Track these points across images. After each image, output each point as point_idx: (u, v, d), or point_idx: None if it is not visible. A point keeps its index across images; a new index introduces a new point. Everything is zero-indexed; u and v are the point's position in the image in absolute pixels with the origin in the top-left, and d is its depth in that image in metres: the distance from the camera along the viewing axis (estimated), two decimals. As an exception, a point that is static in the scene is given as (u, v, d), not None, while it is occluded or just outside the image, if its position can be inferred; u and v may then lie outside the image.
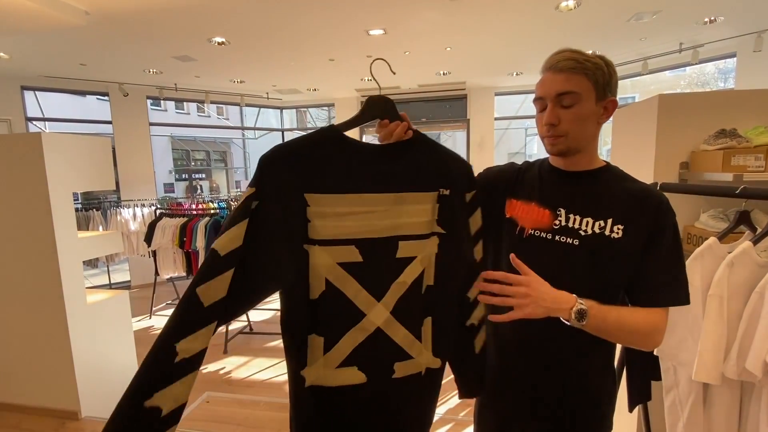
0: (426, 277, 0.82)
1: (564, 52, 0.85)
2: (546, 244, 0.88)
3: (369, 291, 0.77)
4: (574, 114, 0.83)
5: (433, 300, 0.83)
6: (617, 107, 0.87)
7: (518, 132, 10.08)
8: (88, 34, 3.51)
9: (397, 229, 0.79)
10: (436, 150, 0.85)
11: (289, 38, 3.77)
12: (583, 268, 0.86)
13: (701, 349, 1.03)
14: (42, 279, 2.27)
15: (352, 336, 0.77)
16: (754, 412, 1.02)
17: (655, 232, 0.84)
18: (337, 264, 0.76)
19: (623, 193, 0.87)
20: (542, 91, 0.86)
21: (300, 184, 0.74)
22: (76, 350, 2.32)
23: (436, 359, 0.85)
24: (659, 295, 0.85)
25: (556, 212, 0.89)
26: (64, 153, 2.30)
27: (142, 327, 4.24)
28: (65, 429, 2.26)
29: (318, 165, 0.76)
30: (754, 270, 1.04)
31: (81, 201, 6.47)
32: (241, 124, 9.82)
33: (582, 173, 0.90)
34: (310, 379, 0.78)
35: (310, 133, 0.78)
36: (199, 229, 3.84)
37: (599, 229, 0.85)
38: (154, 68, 4.77)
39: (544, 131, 0.87)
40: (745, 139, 1.46)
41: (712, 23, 3.65)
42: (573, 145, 0.86)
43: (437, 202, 0.82)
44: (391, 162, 0.80)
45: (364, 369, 0.78)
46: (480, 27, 3.68)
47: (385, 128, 0.82)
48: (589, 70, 0.82)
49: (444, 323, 0.85)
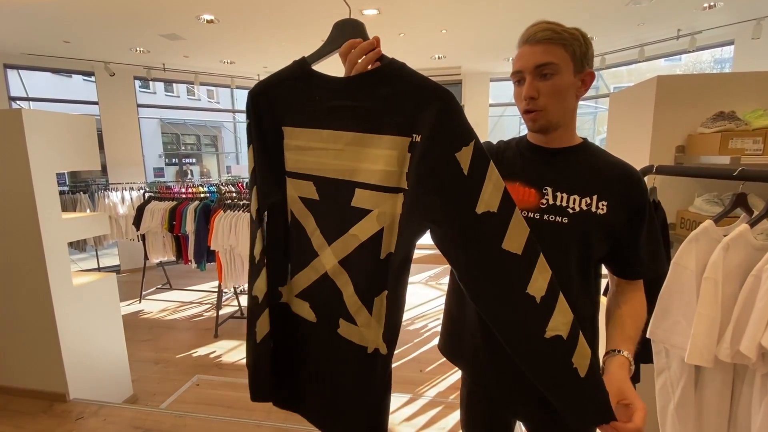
0: (386, 240, 0.70)
1: (540, 23, 0.83)
2: (534, 224, 0.85)
3: (322, 232, 0.77)
4: (553, 85, 0.81)
5: (398, 272, 0.71)
6: (594, 80, 0.87)
7: (513, 119, 10.03)
8: (71, 9, 3.38)
9: (355, 173, 0.71)
10: (411, 84, 0.66)
11: (281, 17, 3.66)
12: (572, 246, 0.85)
13: (695, 332, 1.03)
14: (26, 260, 2.22)
15: (307, 272, 0.80)
16: (747, 395, 1.02)
17: (637, 209, 0.86)
18: (298, 197, 0.79)
19: (604, 169, 0.87)
20: (520, 64, 0.84)
21: (278, 117, 0.78)
22: (63, 332, 2.28)
23: (383, 343, 0.73)
24: (644, 269, 0.90)
25: (542, 191, 0.87)
26: (46, 131, 2.22)
27: (132, 311, 4.20)
28: (53, 411, 2.23)
29: (288, 99, 0.76)
30: (750, 253, 1.03)
31: (68, 184, 6.34)
32: (232, 107, 9.64)
33: (563, 150, 0.89)
34: (284, 296, 0.84)
35: (287, 66, 0.77)
36: (189, 212, 3.78)
37: (586, 206, 0.85)
38: (141, 47, 4.62)
39: (523, 105, 0.85)
40: (744, 122, 1.44)
41: (712, 9, 3.61)
42: (554, 120, 0.85)
43: (408, 151, 0.66)
44: (353, 97, 0.70)
45: (314, 309, 0.81)
46: (476, 9, 3.60)
47: (345, 57, 0.70)
48: (567, 41, 0.81)
49: (400, 304, 0.74)
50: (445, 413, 2.39)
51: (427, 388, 2.70)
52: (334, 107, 0.72)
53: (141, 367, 3.03)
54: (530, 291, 0.67)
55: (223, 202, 3.52)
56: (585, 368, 0.69)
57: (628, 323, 0.87)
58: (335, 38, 0.75)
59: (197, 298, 4.59)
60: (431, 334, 3.55)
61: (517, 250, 0.67)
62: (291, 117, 0.77)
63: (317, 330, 0.81)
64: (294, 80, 0.76)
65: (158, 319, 4.05)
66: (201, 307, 4.34)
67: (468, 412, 1.06)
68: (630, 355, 0.81)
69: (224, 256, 3.35)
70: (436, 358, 3.05)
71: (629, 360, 0.80)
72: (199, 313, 4.17)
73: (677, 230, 1.59)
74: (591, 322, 0.93)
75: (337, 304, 0.76)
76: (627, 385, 0.74)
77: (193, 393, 2.71)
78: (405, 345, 3.35)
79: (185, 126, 12.68)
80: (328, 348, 0.80)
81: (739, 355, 0.97)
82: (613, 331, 0.87)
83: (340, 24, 0.76)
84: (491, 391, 0.98)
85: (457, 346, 1.03)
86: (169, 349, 3.37)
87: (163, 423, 2.14)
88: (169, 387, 2.77)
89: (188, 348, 3.37)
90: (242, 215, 3.27)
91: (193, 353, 3.28)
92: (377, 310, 0.73)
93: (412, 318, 3.93)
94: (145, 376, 2.93)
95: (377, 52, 0.68)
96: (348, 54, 0.69)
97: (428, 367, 2.99)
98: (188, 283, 5.00)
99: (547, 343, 0.68)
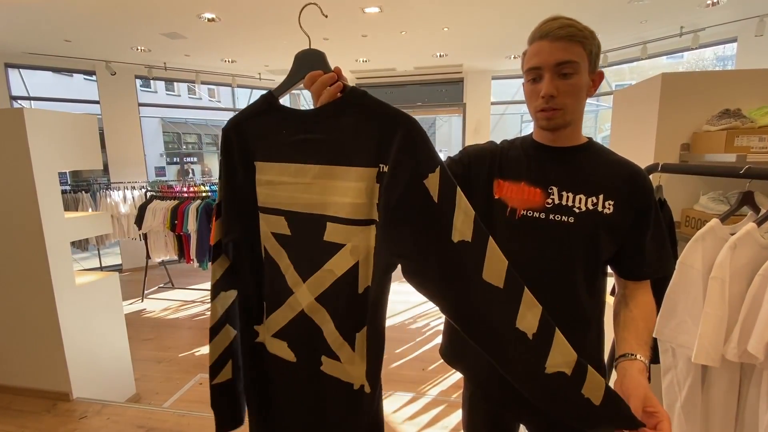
0: (362, 273, 0.69)
1: (559, 18, 0.80)
2: (540, 224, 0.85)
3: (296, 269, 0.74)
4: (573, 85, 0.80)
5: (375, 306, 0.69)
6: (603, 80, 0.86)
7: (514, 117, 10.01)
8: (72, 8, 3.37)
9: (326, 207, 0.70)
10: (374, 112, 0.65)
11: (282, 15, 3.65)
12: (579, 246, 0.84)
13: (701, 331, 1.02)
14: (29, 260, 2.22)
15: (284, 310, 0.77)
16: (754, 395, 1.01)
17: (643, 210, 0.85)
18: (271, 233, 0.77)
19: (610, 168, 0.86)
20: (539, 60, 0.80)
21: (250, 152, 0.76)
22: (66, 331, 2.28)
23: (366, 382, 0.71)
24: (651, 269, 0.88)
25: (547, 190, 0.85)
26: (48, 130, 2.22)
27: (134, 310, 4.21)
28: (57, 410, 2.24)
29: (258, 133, 0.76)
30: (757, 252, 1.02)
31: (70, 183, 6.35)
32: (233, 106, 9.64)
33: (569, 149, 0.88)
34: (260, 336, 0.81)
35: (255, 101, 0.77)
36: (191, 211, 3.78)
37: (592, 206, 0.83)
38: (142, 46, 4.62)
39: (540, 103, 0.82)
40: (750, 120, 1.43)
41: (715, 6, 3.59)
42: (569, 119, 0.83)
43: (377, 182, 0.65)
44: (317, 129, 0.70)
45: (293, 348, 0.77)
46: (477, 7, 3.58)
47: (310, 88, 0.70)
48: (586, 39, 0.79)
49: (381, 340, 0.72)
50: (448, 412, 2.39)
51: (429, 387, 2.70)
52: (300, 140, 0.71)
53: (144, 366, 3.03)
54: (520, 327, 0.63)
55: (224, 201, 3.52)
56: (599, 398, 0.65)
57: (641, 326, 0.85)
58: (297, 70, 0.75)
59: (199, 297, 4.59)
60: (433, 333, 3.55)
61: (498, 283, 0.62)
62: (261, 152, 0.76)
63: (297, 370, 0.77)
64: (262, 115, 0.75)
65: (161, 318, 4.05)
66: (203, 305, 4.34)
67: (470, 414, 1.05)
68: (647, 361, 0.79)
69: (226, 255, 3.34)
70: (438, 357, 3.04)
71: (647, 365, 0.79)
72: (202, 312, 4.17)
73: (682, 228, 1.58)
74: (597, 323, 0.92)
75: (317, 341, 0.73)
76: (651, 393, 0.72)
77: (196, 392, 2.72)
78: (407, 344, 3.35)
79: (186, 125, 12.66)
80: (311, 387, 0.77)
81: (747, 355, 0.96)
82: (626, 335, 0.84)
83: (299, 56, 0.76)
84: (493, 395, 0.97)
85: (458, 350, 1.01)
86: (172, 348, 3.37)
87: (166, 422, 2.14)
88: (172, 386, 2.78)
89: (191, 347, 3.37)
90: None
91: (196, 352, 3.28)
92: (359, 346, 0.71)
93: (414, 317, 3.93)
94: (148, 375, 2.93)
95: (338, 85, 0.68)
96: (311, 86, 0.70)
97: (430, 365, 2.99)
98: (190, 282, 5.01)
99: (551, 378, 0.64)
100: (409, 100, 6.46)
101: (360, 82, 6.49)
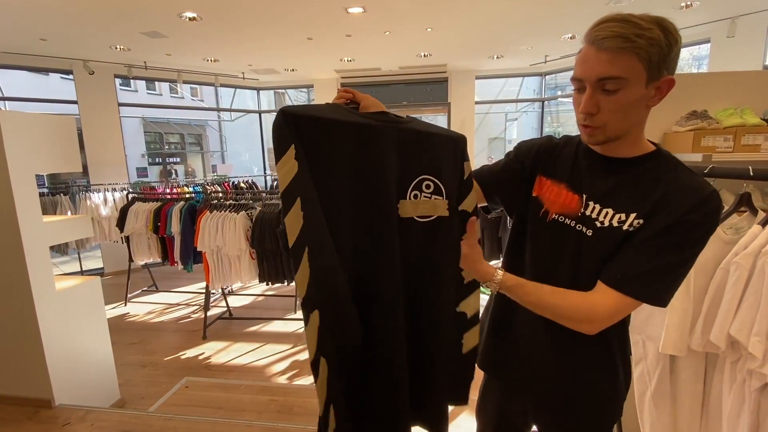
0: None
1: (612, 20, 0.68)
2: (567, 230, 0.83)
3: None
4: (617, 102, 0.71)
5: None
6: (673, 86, 0.73)
7: (498, 116, 10.12)
8: (48, 5, 3.29)
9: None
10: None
11: (265, 14, 3.63)
12: (592, 259, 0.80)
13: (668, 323, 1.07)
14: (7, 265, 2.17)
15: None
16: (718, 381, 1.07)
17: (672, 225, 0.72)
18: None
19: (662, 187, 0.74)
20: (581, 72, 0.72)
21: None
22: (47, 338, 2.24)
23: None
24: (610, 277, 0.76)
25: (583, 199, 0.82)
26: (24, 132, 2.17)
27: (118, 314, 4.14)
28: (39, 417, 2.20)
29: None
30: (721, 247, 1.08)
31: (47, 185, 6.19)
32: (217, 105, 9.51)
33: (618, 160, 0.80)
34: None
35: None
36: (174, 213, 3.73)
37: (618, 223, 0.76)
38: (122, 44, 4.53)
39: (580, 118, 0.76)
40: (716, 121, 1.50)
41: (689, 8, 3.70)
42: (612, 135, 0.76)
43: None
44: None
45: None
46: (460, 7, 3.63)
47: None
48: (641, 49, 0.67)
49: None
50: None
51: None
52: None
53: (128, 370, 2.99)
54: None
55: (209, 203, 3.49)
56: (468, 348, 0.96)
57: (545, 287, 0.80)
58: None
59: (184, 300, 4.54)
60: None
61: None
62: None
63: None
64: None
65: (145, 321, 4.00)
66: (188, 308, 4.30)
67: (483, 398, 1.08)
68: (501, 276, 0.82)
69: (211, 257, 3.32)
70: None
71: (499, 274, 0.82)
72: (187, 314, 4.13)
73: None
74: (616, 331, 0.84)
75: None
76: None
77: (182, 395, 2.70)
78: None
79: (169, 125, 12.44)
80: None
81: (710, 345, 1.02)
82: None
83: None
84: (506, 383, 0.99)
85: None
86: (157, 351, 3.34)
87: (152, 426, 2.12)
88: (158, 390, 2.75)
89: (176, 350, 3.34)
90: (229, 215, 3.25)
91: (182, 355, 3.25)
92: None
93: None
94: (133, 380, 2.90)
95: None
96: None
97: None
98: (175, 284, 4.94)
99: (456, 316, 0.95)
100: (395, 100, 6.49)
101: (346, 81, 6.49)
